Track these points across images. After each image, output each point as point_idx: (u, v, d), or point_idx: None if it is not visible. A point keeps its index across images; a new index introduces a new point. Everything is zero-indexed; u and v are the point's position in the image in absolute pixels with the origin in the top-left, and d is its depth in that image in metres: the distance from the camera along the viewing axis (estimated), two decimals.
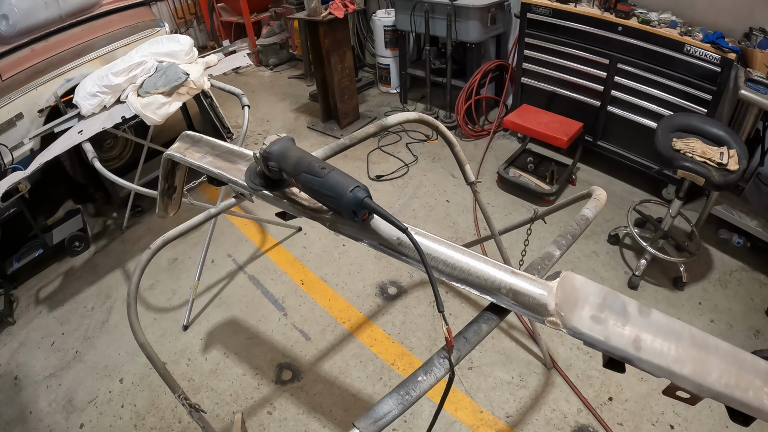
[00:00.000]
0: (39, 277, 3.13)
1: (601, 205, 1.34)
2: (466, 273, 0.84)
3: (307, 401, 2.16)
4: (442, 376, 0.82)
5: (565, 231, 1.21)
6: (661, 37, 2.84)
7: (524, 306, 0.81)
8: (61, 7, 3.44)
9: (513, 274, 0.83)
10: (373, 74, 5.15)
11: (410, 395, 0.79)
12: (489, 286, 0.83)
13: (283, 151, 0.94)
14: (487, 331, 0.88)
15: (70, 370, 2.46)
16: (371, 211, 0.82)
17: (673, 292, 2.59)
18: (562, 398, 2.10)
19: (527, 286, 0.81)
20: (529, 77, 3.55)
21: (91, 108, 2.78)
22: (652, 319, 0.77)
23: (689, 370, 0.73)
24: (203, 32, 6.13)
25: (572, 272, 0.83)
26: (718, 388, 0.71)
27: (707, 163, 2.24)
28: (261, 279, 2.80)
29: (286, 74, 5.68)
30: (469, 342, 0.87)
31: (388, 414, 0.77)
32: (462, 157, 1.81)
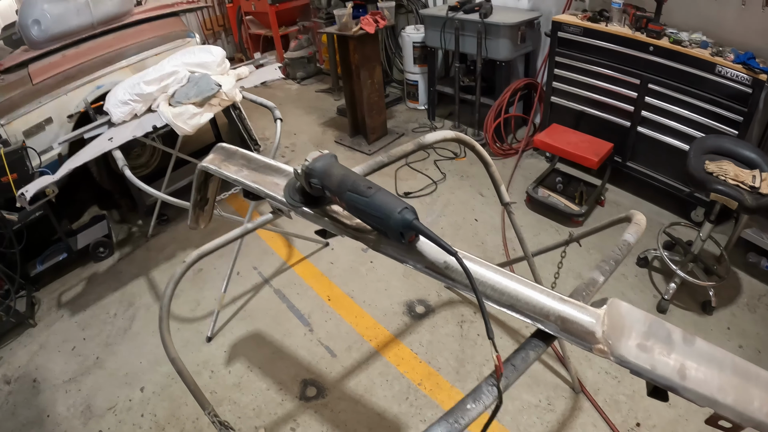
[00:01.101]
0: (62, 280, 3.14)
1: (641, 230, 1.32)
2: (515, 299, 0.83)
3: (331, 419, 2.12)
4: (491, 404, 0.79)
5: (607, 257, 1.19)
6: (692, 57, 2.80)
7: (572, 333, 0.80)
8: (93, 14, 3.50)
9: (561, 302, 0.82)
10: (400, 90, 5.15)
11: (459, 423, 0.77)
12: (538, 312, 0.81)
13: (327, 169, 0.91)
14: (534, 358, 0.86)
15: (90, 375, 2.45)
16: (419, 233, 0.79)
17: (702, 317, 2.53)
18: (590, 423, 2.05)
19: (576, 313, 0.80)
20: (559, 96, 3.53)
21: (122, 116, 2.80)
22: (696, 348, 0.77)
23: (732, 399, 0.72)
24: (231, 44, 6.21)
25: (617, 299, 0.82)
26: (759, 417, 0.70)
27: (740, 187, 2.20)
28: (287, 293, 2.77)
29: (313, 88, 5.70)
30: (517, 369, 0.84)
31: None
32: (498, 177, 1.79)
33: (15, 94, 3.09)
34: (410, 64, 4.54)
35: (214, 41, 6.06)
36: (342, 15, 3.39)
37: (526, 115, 4.01)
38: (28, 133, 3.08)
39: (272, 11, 5.21)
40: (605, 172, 3.30)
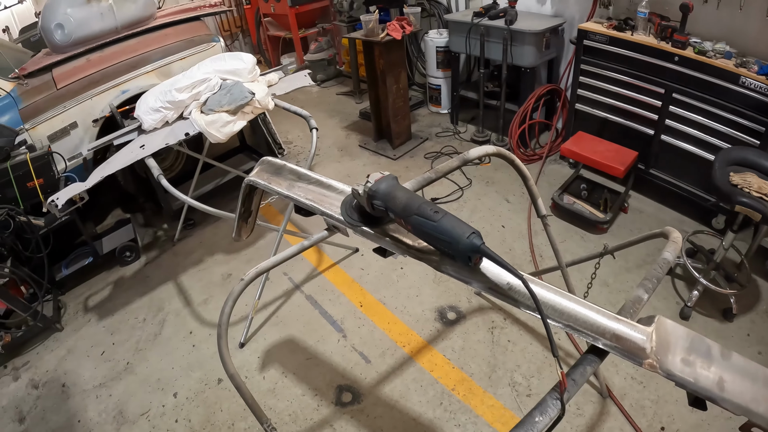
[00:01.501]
0: (87, 284, 3.16)
1: (678, 248, 1.38)
2: (574, 319, 0.90)
3: (367, 424, 2.15)
4: (556, 416, 0.86)
5: (650, 275, 1.26)
6: (716, 68, 2.81)
7: (625, 350, 0.87)
8: (116, 18, 3.51)
9: (615, 320, 0.89)
10: (422, 94, 5.15)
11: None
12: (594, 331, 0.88)
13: (390, 191, 0.95)
14: (590, 372, 0.93)
15: (121, 381, 2.47)
16: (487, 258, 0.84)
17: (723, 324, 2.55)
18: (617, 427, 2.08)
19: (628, 331, 0.87)
20: (583, 103, 3.54)
21: (153, 123, 2.81)
22: (733, 362, 0.84)
23: (764, 408, 0.78)
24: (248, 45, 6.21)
25: (663, 317, 0.89)
26: None
27: (763, 199, 2.22)
28: (318, 299, 2.80)
29: (334, 90, 5.71)
30: (577, 383, 0.91)
31: None
32: (535, 190, 1.81)
33: (39, 99, 3.11)
34: (433, 68, 4.54)
35: (231, 43, 6.06)
36: (369, 21, 3.40)
37: (549, 121, 4.03)
38: (53, 137, 3.11)
39: (292, 13, 5.21)
40: (629, 179, 3.33)
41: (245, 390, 1.45)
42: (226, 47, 5.83)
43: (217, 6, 3.97)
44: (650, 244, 3.13)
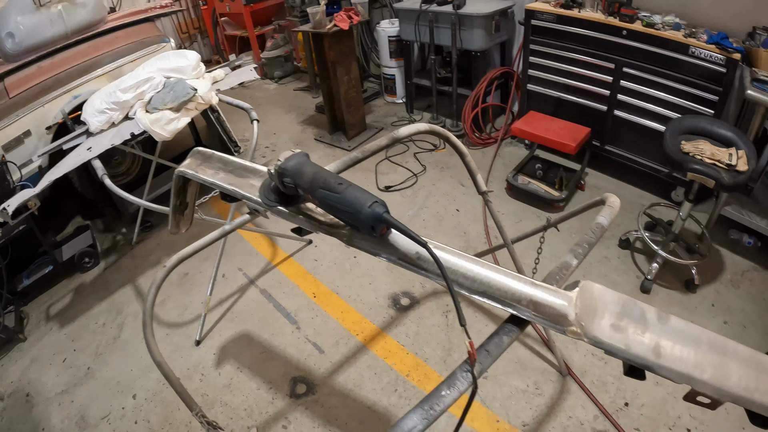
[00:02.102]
0: (49, 293, 3.13)
1: (615, 212, 1.35)
2: (486, 286, 0.84)
3: (322, 414, 2.14)
4: (466, 390, 0.81)
5: (581, 240, 1.22)
6: (665, 39, 2.83)
7: (545, 317, 0.81)
8: (66, 24, 3.46)
9: (533, 286, 0.83)
10: (378, 85, 5.15)
11: (434, 410, 0.78)
12: (509, 298, 0.83)
13: (299, 167, 0.93)
14: (508, 343, 0.87)
15: (83, 386, 2.45)
16: (390, 226, 0.82)
17: (686, 295, 2.57)
18: (578, 405, 2.08)
19: (548, 297, 0.82)
20: (535, 84, 3.55)
21: (100, 125, 2.79)
22: (671, 326, 0.78)
23: (709, 375, 0.73)
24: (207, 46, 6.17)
25: (590, 281, 0.83)
26: (738, 392, 0.72)
27: (717, 165, 2.23)
28: (273, 293, 2.79)
29: (292, 86, 5.70)
30: (491, 355, 0.86)
31: (414, 429, 0.76)
32: (473, 166, 1.81)
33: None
34: (386, 58, 4.55)
35: (190, 44, 6.02)
36: (315, 12, 3.39)
37: (503, 104, 4.03)
38: (7, 147, 3.06)
39: (247, 11, 5.19)
40: (584, 156, 3.34)
41: (173, 378, 1.45)
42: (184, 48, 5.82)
43: (168, 7, 3.94)
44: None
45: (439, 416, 0.78)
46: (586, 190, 3.38)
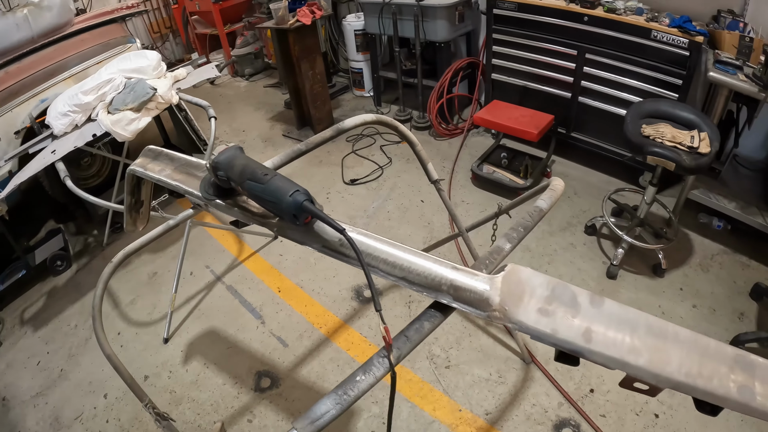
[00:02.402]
0: (23, 298, 3.14)
1: (557, 195, 1.34)
2: (407, 271, 0.85)
3: (285, 407, 2.18)
4: (383, 376, 0.82)
5: (517, 224, 1.21)
6: (627, 24, 2.85)
7: (465, 302, 0.81)
8: (32, 28, 3.45)
9: (454, 270, 0.83)
10: (347, 79, 5.16)
11: (348, 395, 0.80)
12: (429, 283, 0.83)
13: (230, 160, 0.96)
14: (429, 328, 0.88)
15: (56, 388, 2.47)
16: (311, 214, 0.84)
17: (654, 280, 2.59)
18: (542, 393, 2.10)
19: (468, 281, 0.81)
20: (500, 73, 3.57)
21: (63, 127, 2.80)
22: (605, 309, 0.75)
23: (645, 360, 0.71)
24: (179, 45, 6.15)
25: (518, 265, 0.82)
26: (678, 378, 0.69)
27: (677, 148, 2.23)
28: (239, 288, 2.82)
29: (262, 83, 5.70)
30: (411, 340, 0.86)
31: (326, 414, 0.78)
32: (424, 155, 1.81)
33: None
34: (353, 52, 4.56)
35: (162, 44, 6.01)
36: (278, 9, 3.39)
37: (470, 95, 4.04)
38: None
39: (216, 9, 5.19)
40: (550, 144, 3.36)
41: (124, 370, 1.48)
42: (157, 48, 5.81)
43: (134, 7, 3.93)
44: (575, 206, 3.17)
45: (353, 401, 0.79)
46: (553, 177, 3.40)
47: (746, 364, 0.70)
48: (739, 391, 0.68)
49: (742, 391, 0.68)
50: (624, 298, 2.50)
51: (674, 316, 2.37)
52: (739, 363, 0.71)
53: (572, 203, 3.19)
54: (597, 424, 1.95)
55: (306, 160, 3.93)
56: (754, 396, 0.67)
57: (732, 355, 0.71)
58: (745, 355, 0.71)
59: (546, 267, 2.72)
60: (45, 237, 3.41)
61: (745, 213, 2.63)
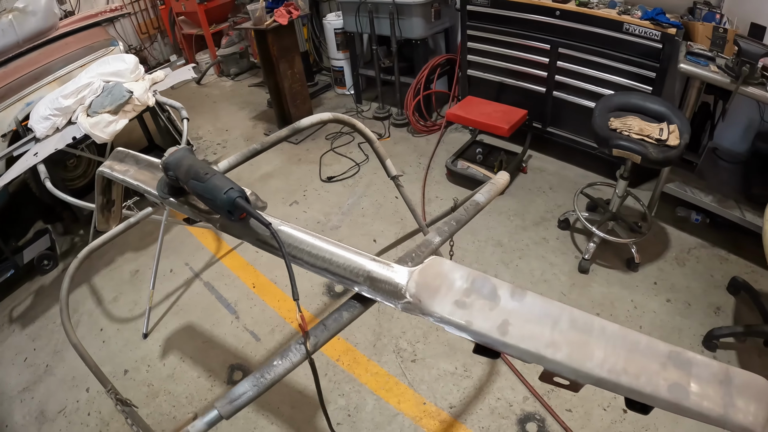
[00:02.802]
0: (12, 297, 3.22)
1: (496, 189, 1.34)
2: (329, 262, 0.88)
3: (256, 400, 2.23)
4: (299, 362, 0.86)
5: (450, 217, 1.22)
6: (598, 18, 2.86)
7: (381, 292, 0.83)
8: (17, 33, 3.52)
9: (372, 261, 0.85)
10: (330, 77, 5.20)
11: (265, 378, 0.84)
12: (349, 274, 0.86)
13: (179, 161, 1.00)
14: (348, 318, 0.91)
15: (42, 383, 2.55)
16: (243, 211, 0.89)
17: (627, 274, 2.61)
18: (508, 387, 2.13)
19: (384, 272, 0.83)
20: (476, 69, 3.60)
21: (45, 130, 2.88)
22: (526, 302, 0.75)
23: (563, 355, 0.69)
24: (168, 46, 6.22)
25: (440, 257, 0.84)
26: (599, 374, 0.67)
27: (645, 140, 2.24)
28: (216, 285, 2.89)
29: (247, 83, 5.74)
30: (328, 329, 0.89)
31: (244, 395, 0.83)
32: (382, 152, 1.85)
33: None
34: (334, 50, 4.61)
35: (151, 44, 6.07)
36: (255, 9, 3.45)
37: (448, 91, 4.08)
38: None
39: (201, 10, 5.25)
40: (526, 139, 3.39)
41: (88, 358, 1.56)
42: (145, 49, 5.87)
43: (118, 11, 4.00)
44: (550, 201, 3.21)
45: (270, 385, 0.84)
46: (529, 172, 3.44)
47: (681, 362, 0.68)
48: (670, 390, 0.66)
49: (674, 390, 0.66)
50: (595, 292, 2.53)
51: (647, 311, 2.40)
52: (673, 360, 0.68)
53: (547, 198, 3.23)
54: (562, 419, 1.97)
55: (285, 158, 4.01)
56: (688, 395, 0.65)
57: (665, 352, 0.69)
58: (680, 353, 0.69)
59: (517, 262, 2.76)
60: (33, 237, 3.49)
61: (721, 206, 2.63)
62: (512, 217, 3.07)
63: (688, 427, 1.88)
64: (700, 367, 0.67)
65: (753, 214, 2.56)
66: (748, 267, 2.59)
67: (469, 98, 3.49)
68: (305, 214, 3.35)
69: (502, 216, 3.08)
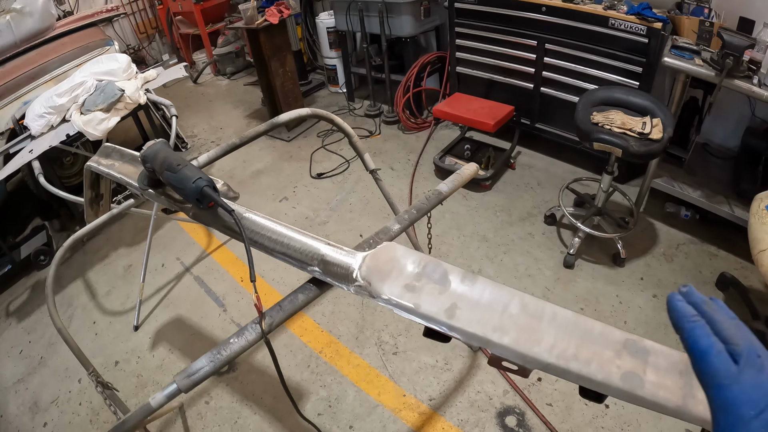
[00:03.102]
0: (9, 291, 3.28)
1: (461, 179, 1.36)
2: (287, 247, 0.92)
3: (240, 390, 2.29)
4: (255, 341, 0.90)
5: (412, 206, 1.25)
6: (584, 13, 2.84)
7: (333, 276, 0.87)
8: (15, 33, 3.60)
9: (326, 246, 0.89)
10: (324, 76, 5.24)
11: (222, 354, 0.88)
12: (305, 258, 0.90)
13: (155, 153, 1.05)
14: (303, 300, 0.95)
15: (36, 374, 2.61)
16: (211, 199, 0.93)
17: (613, 269, 2.61)
18: (488, 380, 2.15)
19: (337, 256, 0.87)
20: (464, 66, 3.63)
21: (40, 128, 2.96)
22: (477, 287, 0.76)
23: (510, 339, 0.69)
24: (166, 45, 6.30)
25: (394, 243, 0.87)
26: (547, 359, 0.67)
27: (627, 134, 2.24)
28: (205, 279, 2.94)
29: (243, 82, 5.79)
30: (284, 310, 0.94)
31: (201, 370, 0.86)
32: (360, 146, 1.88)
33: None
34: (327, 49, 4.66)
35: (149, 44, 6.15)
36: (247, 9, 3.50)
37: (438, 89, 4.11)
38: None
39: (197, 9, 5.31)
40: (514, 135, 3.41)
41: (71, 341, 1.63)
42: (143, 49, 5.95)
43: (114, 11, 4.07)
44: (537, 197, 3.23)
45: (226, 361, 0.88)
46: (518, 168, 3.46)
47: (638, 350, 0.66)
48: (624, 378, 0.64)
49: (628, 378, 0.64)
50: (580, 287, 2.54)
51: (632, 306, 2.40)
52: (629, 348, 0.66)
53: (535, 194, 3.25)
54: (542, 413, 1.99)
55: (277, 155, 4.06)
56: (642, 383, 0.63)
57: (621, 339, 0.67)
58: (637, 341, 0.67)
59: (502, 257, 2.78)
60: (30, 234, 3.57)
61: (710, 202, 2.62)
62: (498, 213, 3.10)
63: (672, 422, 1.88)
64: (658, 357, 0.65)
65: (742, 209, 2.54)
66: (737, 263, 2.59)
67: (456, 95, 3.52)
68: (294, 210, 3.40)
69: (489, 211, 3.11)
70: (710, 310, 0.46)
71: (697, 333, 0.44)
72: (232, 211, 0.93)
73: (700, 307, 0.47)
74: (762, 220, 1.88)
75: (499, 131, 3.23)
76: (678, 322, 0.46)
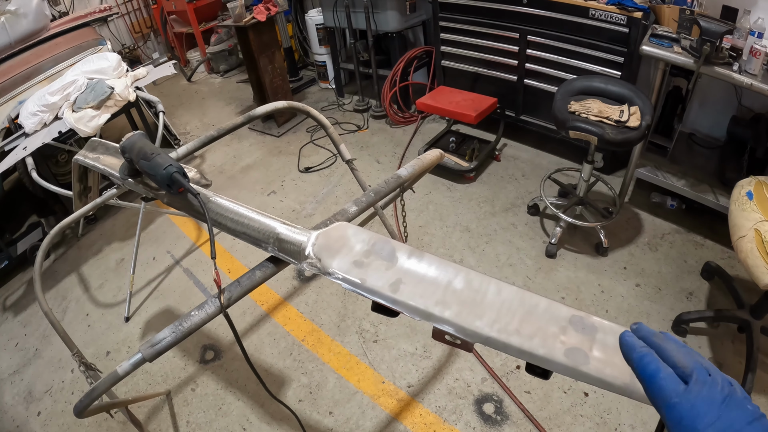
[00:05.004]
0: (6, 286, 3.35)
1: (421, 165, 1.39)
2: (246, 226, 0.97)
3: (225, 377, 2.35)
4: (214, 314, 0.96)
5: (371, 190, 1.30)
6: (564, 4, 2.86)
7: (287, 252, 0.92)
8: (9, 35, 3.67)
9: (282, 225, 0.94)
10: (314, 72, 5.28)
11: (183, 326, 0.94)
12: (262, 237, 0.95)
13: (133, 143, 1.11)
14: (261, 277, 1.00)
15: (31, 366, 2.67)
16: (180, 185, 1.00)
17: (596, 259, 2.64)
18: (467, 368, 2.19)
19: (290, 234, 0.92)
20: (449, 60, 3.67)
21: (33, 126, 3.03)
22: (423, 263, 0.79)
23: (452, 312, 0.71)
24: (162, 44, 6.37)
25: (346, 223, 0.92)
26: (488, 333, 0.69)
27: (603, 122, 2.26)
28: (194, 271, 3.01)
29: (235, 79, 5.85)
30: (242, 286, 0.99)
31: (164, 340, 0.92)
32: (336, 137, 1.90)
33: None
34: (316, 45, 4.71)
35: (144, 43, 6.23)
36: (235, 7, 3.55)
37: (425, 83, 4.16)
38: None
39: (190, 8, 5.37)
40: (499, 127, 3.45)
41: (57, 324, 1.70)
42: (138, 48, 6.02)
43: (107, 11, 4.14)
44: (521, 188, 3.27)
45: (187, 333, 0.94)
46: (503, 160, 3.50)
47: (584, 327, 0.66)
48: (568, 354, 0.64)
49: (572, 354, 0.64)
50: (561, 276, 2.57)
51: (614, 295, 2.43)
52: (574, 325, 0.67)
53: (519, 185, 3.29)
54: (520, 400, 2.02)
55: (266, 150, 4.13)
56: (587, 360, 0.63)
57: (567, 316, 0.68)
58: (584, 317, 0.67)
59: (484, 247, 2.82)
60: (26, 230, 3.65)
61: (695, 191, 2.63)
62: (482, 204, 3.14)
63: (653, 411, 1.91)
64: (607, 334, 0.65)
65: (727, 198, 2.48)
66: (724, 252, 2.61)
67: (441, 88, 3.57)
68: (282, 203, 3.46)
69: (472, 202, 3.15)
70: (659, 341, 0.50)
71: (645, 360, 0.48)
72: (197, 194, 0.99)
73: (649, 339, 0.51)
74: (742, 207, 1.89)
75: (485, 123, 3.26)
76: (628, 354, 0.51)
